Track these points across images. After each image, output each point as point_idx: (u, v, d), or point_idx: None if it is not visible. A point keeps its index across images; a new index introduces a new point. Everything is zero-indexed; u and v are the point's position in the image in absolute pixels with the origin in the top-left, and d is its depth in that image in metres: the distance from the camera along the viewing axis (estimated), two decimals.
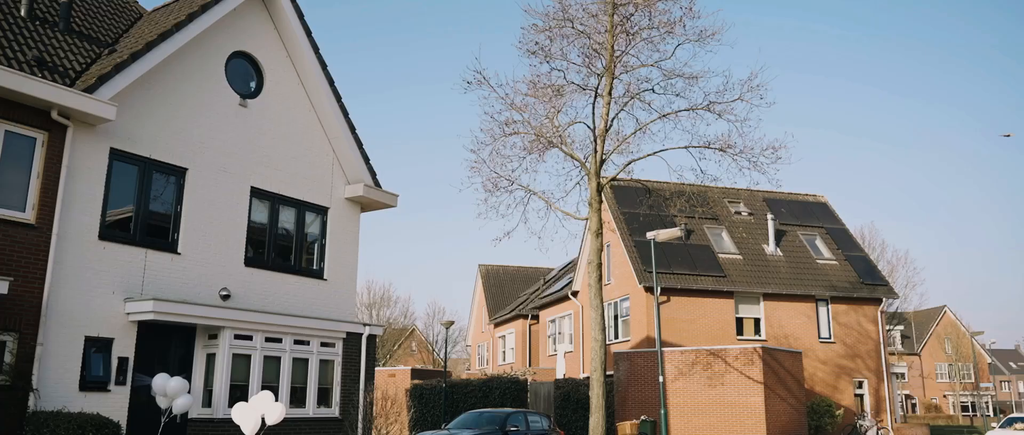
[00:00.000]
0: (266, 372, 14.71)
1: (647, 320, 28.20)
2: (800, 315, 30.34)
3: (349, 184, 17.51)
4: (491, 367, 43.72)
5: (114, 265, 13.14)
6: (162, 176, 14.26)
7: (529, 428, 18.20)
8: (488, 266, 49.38)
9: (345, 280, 17.24)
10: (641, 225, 29.57)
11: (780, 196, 35.12)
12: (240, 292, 15.04)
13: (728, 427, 23.79)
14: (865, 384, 31.18)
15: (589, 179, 17.28)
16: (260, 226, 15.89)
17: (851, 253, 33.22)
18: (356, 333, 16.43)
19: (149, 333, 13.60)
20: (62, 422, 10.95)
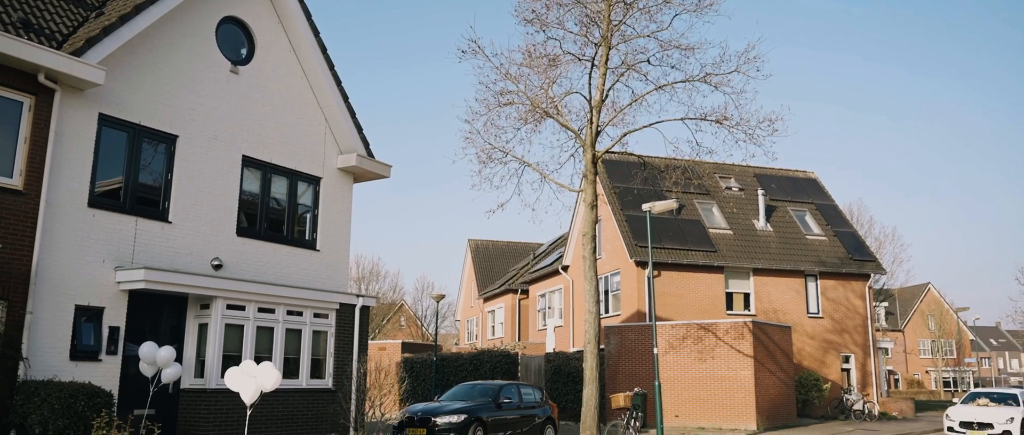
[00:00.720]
0: (259, 343, 14.57)
1: (638, 294, 28.24)
2: (789, 290, 30.49)
3: (342, 154, 17.29)
4: (480, 341, 43.79)
5: (104, 233, 12.92)
6: (152, 143, 14.00)
7: (522, 400, 18.20)
8: (478, 241, 49.30)
9: (338, 251, 17.08)
10: (632, 200, 29.52)
11: (770, 172, 35.16)
12: (232, 262, 14.87)
13: (717, 400, 23.93)
14: (852, 359, 31.45)
15: (584, 151, 17.14)
16: (252, 195, 15.68)
17: (840, 229, 33.36)
18: (349, 304, 16.30)
19: (140, 302, 13.42)
20: (53, 391, 10.79)
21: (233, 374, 11.06)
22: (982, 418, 21.28)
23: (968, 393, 24.08)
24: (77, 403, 10.81)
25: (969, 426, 21.51)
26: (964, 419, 21.59)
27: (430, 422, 16.26)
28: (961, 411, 22.22)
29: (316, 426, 15.24)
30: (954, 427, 21.89)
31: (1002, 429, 20.83)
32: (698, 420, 23.88)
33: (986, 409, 21.73)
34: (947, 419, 22.10)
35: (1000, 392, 23.48)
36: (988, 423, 21.08)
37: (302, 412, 15.14)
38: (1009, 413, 21.10)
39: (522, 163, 17.94)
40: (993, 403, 22.32)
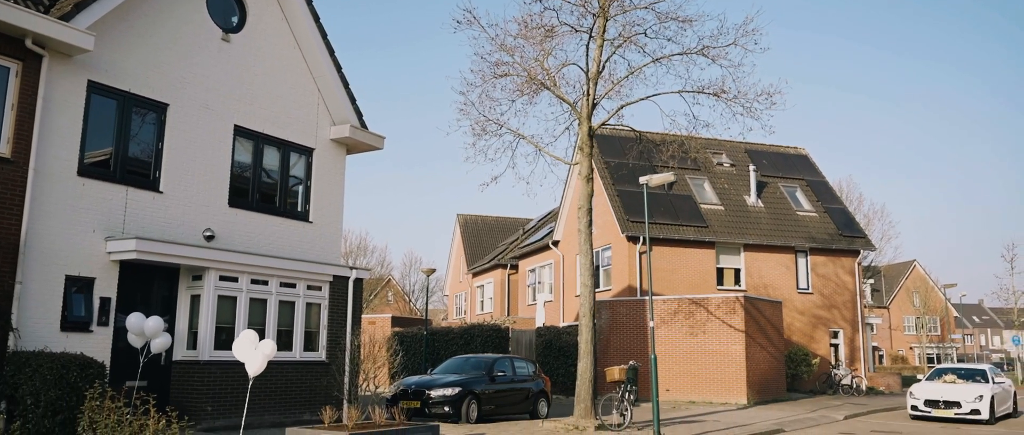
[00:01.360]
0: (252, 315, 14.42)
1: (628, 269, 28.25)
2: (779, 266, 30.60)
3: (335, 125, 17.06)
4: (469, 317, 43.79)
5: (94, 202, 12.69)
6: (142, 111, 13.73)
7: (516, 374, 18.18)
8: (466, 216, 49.14)
9: (331, 223, 16.91)
10: (624, 175, 29.44)
11: (762, 148, 35.14)
12: (224, 233, 14.67)
13: (708, 375, 24.06)
14: (840, 334, 31.68)
15: (580, 123, 16.99)
16: (244, 166, 15.45)
17: (830, 205, 33.46)
18: (343, 276, 16.16)
19: (131, 273, 13.22)
20: (45, 361, 10.61)
21: (241, 344, 10.69)
22: (949, 396, 19.29)
23: (933, 369, 22.06)
24: (69, 374, 10.64)
25: (935, 405, 19.42)
26: (930, 397, 19.58)
27: (424, 395, 16.22)
28: (926, 388, 20.11)
29: (310, 399, 15.15)
30: (918, 406, 19.77)
31: (970, 407, 18.83)
32: (689, 394, 24.02)
33: (953, 386, 19.77)
34: (911, 397, 20.06)
35: (968, 368, 21.39)
36: (955, 401, 19.08)
37: (296, 384, 15.05)
38: (978, 390, 19.15)
39: (517, 136, 17.79)
40: (961, 380, 20.42)
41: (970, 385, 19.65)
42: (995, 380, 20.36)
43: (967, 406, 18.80)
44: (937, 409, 19.30)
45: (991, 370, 20.94)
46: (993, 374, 20.67)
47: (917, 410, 19.71)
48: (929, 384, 20.48)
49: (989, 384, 19.73)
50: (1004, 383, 20.88)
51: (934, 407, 19.37)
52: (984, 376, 20.48)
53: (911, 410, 19.90)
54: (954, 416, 19.02)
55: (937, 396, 19.43)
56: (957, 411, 18.95)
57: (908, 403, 20.11)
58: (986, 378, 20.31)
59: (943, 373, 21.28)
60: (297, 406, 15.00)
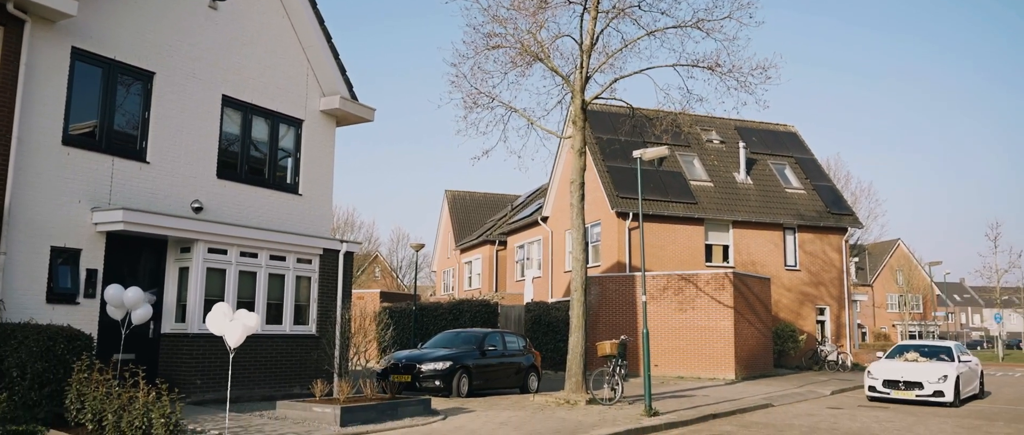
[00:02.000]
0: (242, 288, 14.25)
1: (618, 245, 28.22)
2: (768, 243, 30.67)
3: (324, 96, 16.80)
4: (457, 293, 43.72)
5: (79, 172, 12.42)
6: (128, 80, 13.42)
7: (506, 348, 18.14)
8: (455, 192, 48.93)
9: (321, 196, 16.70)
10: (614, 151, 29.33)
11: (751, 125, 35.09)
12: (212, 205, 14.44)
13: (697, 350, 24.14)
14: (827, 311, 31.88)
15: (573, 96, 16.81)
16: (232, 137, 15.19)
17: (819, 183, 33.52)
18: (333, 250, 15.99)
19: (118, 245, 13.00)
20: (31, 333, 10.41)
21: (215, 318, 10.50)
22: (910, 376, 17.56)
23: (895, 346, 20.22)
24: (56, 346, 10.45)
25: (894, 385, 17.70)
26: (889, 377, 17.87)
27: (415, 369, 16.15)
28: (885, 368, 18.31)
29: (300, 372, 15.04)
30: (876, 387, 18.01)
31: (934, 389, 17.15)
32: (677, 369, 24.11)
33: (915, 365, 18.04)
34: (868, 377, 18.32)
35: (932, 345, 19.74)
36: (917, 382, 17.39)
37: (286, 358, 14.92)
38: (942, 370, 17.52)
39: (509, 109, 17.59)
40: (924, 358, 18.66)
41: (934, 364, 18.03)
42: (961, 358, 18.73)
43: (930, 387, 17.17)
44: (897, 390, 17.64)
45: (957, 348, 19.40)
46: (959, 352, 19.08)
47: (875, 392, 18.01)
48: (889, 363, 18.67)
49: (954, 363, 18.15)
50: (970, 362, 19.20)
51: (894, 388, 17.70)
52: (949, 354, 18.86)
53: (868, 391, 18.18)
54: (916, 398, 17.37)
55: (897, 376, 17.75)
56: (919, 393, 17.29)
57: (865, 383, 18.33)
58: (951, 356, 18.68)
59: (904, 350, 19.47)
60: (287, 380, 14.89)
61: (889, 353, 19.79)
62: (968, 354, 19.40)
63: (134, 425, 9.26)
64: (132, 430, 9.28)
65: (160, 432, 9.12)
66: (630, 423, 12.96)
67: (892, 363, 18.61)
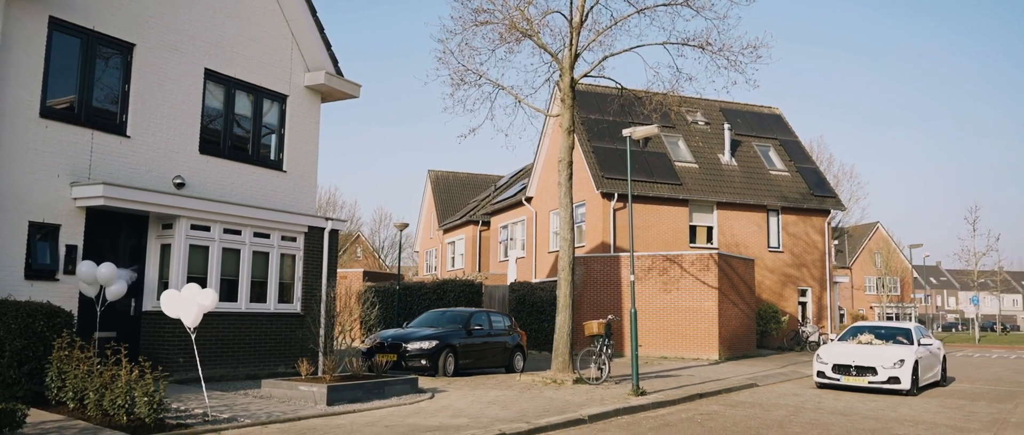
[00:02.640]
0: (225, 265, 14.01)
1: (602, 226, 28.17)
2: (751, 224, 30.77)
3: (309, 71, 16.49)
4: (440, 273, 43.59)
5: (58, 146, 12.10)
6: (107, 51, 13.06)
7: (492, 328, 18.05)
8: (437, 172, 48.65)
9: (305, 173, 16.45)
10: (600, 131, 29.20)
11: (736, 106, 35.10)
12: (195, 181, 14.16)
13: (681, 331, 24.20)
14: (808, 292, 32.10)
15: (562, 74, 16.64)
16: (215, 112, 14.88)
17: (802, 165, 33.63)
18: (318, 227, 15.77)
19: (98, 221, 12.70)
20: (9, 310, 10.14)
21: (169, 300, 9.92)
22: (863, 360, 15.87)
23: (848, 327, 18.58)
24: (36, 323, 10.20)
25: (845, 370, 16.00)
26: (839, 361, 16.16)
27: (401, 348, 16.03)
28: (837, 351, 16.62)
29: (285, 351, 14.86)
30: (825, 372, 16.30)
31: (888, 375, 15.49)
32: (661, 350, 24.17)
33: (869, 348, 16.35)
34: (817, 361, 16.61)
35: (889, 326, 18.12)
36: (870, 367, 15.72)
37: (270, 336, 14.73)
38: (898, 353, 15.84)
39: (496, 86, 17.39)
40: (879, 340, 17.03)
41: (890, 347, 16.37)
42: (921, 341, 17.07)
43: (884, 373, 15.54)
44: (847, 376, 15.97)
45: (917, 330, 17.74)
46: (919, 335, 17.44)
47: (824, 377, 16.33)
48: (841, 346, 17.06)
49: (913, 346, 16.50)
50: (931, 345, 17.53)
51: (844, 373, 16.02)
52: (908, 336, 17.22)
53: (817, 377, 16.52)
54: (868, 385, 15.74)
55: (848, 360, 16.05)
56: (871, 379, 15.65)
57: (814, 368, 16.72)
58: (910, 339, 17.04)
59: (859, 332, 17.80)
60: (272, 358, 14.71)
61: (842, 335, 18.14)
62: (929, 337, 17.87)
63: (117, 403, 9.05)
64: (115, 408, 9.08)
65: (144, 410, 8.92)
66: (618, 402, 12.92)
67: (844, 346, 16.94)
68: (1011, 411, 13.98)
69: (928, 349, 17.10)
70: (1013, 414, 13.60)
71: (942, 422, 12.39)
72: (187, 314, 9.83)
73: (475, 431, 9.70)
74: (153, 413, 8.91)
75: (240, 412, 10.30)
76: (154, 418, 8.92)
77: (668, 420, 11.90)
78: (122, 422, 8.98)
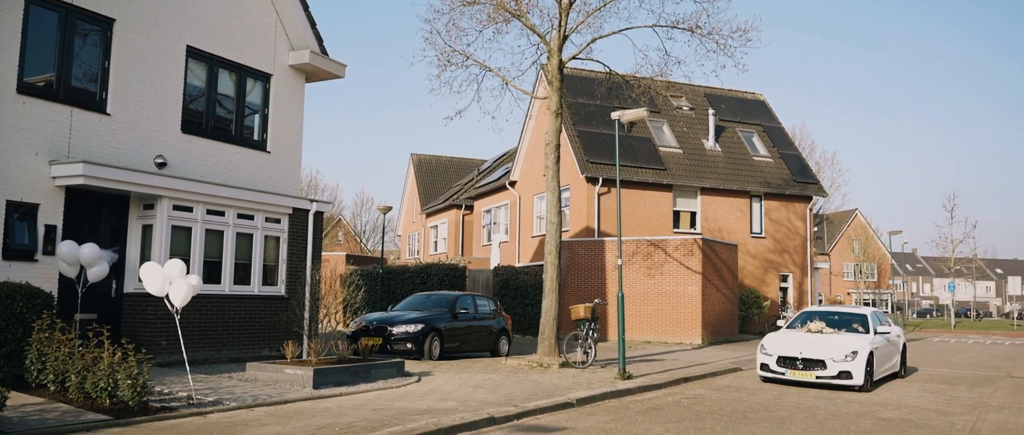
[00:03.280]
0: (208, 247, 13.79)
1: (587, 210, 28.14)
2: (735, 210, 30.87)
3: (293, 50, 16.22)
4: (423, 257, 43.43)
5: (36, 123, 11.80)
6: (86, 27, 12.73)
7: (478, 311, 17.97)
8: (420, 156, 48.36)
9: (289, 153, 16.21)
10: (585, 116, 29.09)
11: (720, 92, 35.11)
12: (176, 161, 13.89)
13: (664, 315, 24.27)
14: (790, 278, 32.30)
15: (550, 56, 16.50)
16: (197, 90, 14.59)
17: (785, 151, 33.75)
18: (303, 209, 15.57)
19: (78, 200, 12.43)
20: None
21: (150, 272, 9.54)
22: (811, 352, 13.97)
23: (799, 313, 16.71)
24: (14, 304, 9.97)
25: (791, 364, 14.08)
26: (785, 353, 14.22)
27: (386, 331, 15.91)
28: (783, 341, 14.68)
29: (269, 334, 14.69)
30: (770, 365, 14.35)
31: (839, 368, 13.65)
32: (644, 334, 24.23)
33: (819, 338, 14.53)
34: (762, 352, 14.68)
35: (844, 312, 16.21)
36: (818, 360, 13.84)
37: (255, 319, 14.55)
38: (851, 344, 14.02)
39: (483, 68, 17.22)
40: (831, 328, 15.15)
41: (842, 337, 14.55)
42: (878, 329, 15.28)
43: (834, 367, 13.70)
44: (794, 370, 14.03)
45: (874, 316, 15.85)
46: (876, 322, 15.60)
47: (768, 371, 14.41)
48: (788, 334, 15.18)
49: (868, 335, 14.76)
50: (890, 333, 15.74)
51: (790, 367, 14.09)
52: (863, 324, 15.39)
53: (760, 371, 14.63)
54: (816, 380, 13.85)
55: (795, 352, 14.13)
56: (820, 373, 13.78)
57: (758, 360, 14.79)
58: (866, 327, 15.24)
59: (809, 319, 15.82)
60: (256, 342, 14.53)
61: (791, 322, 16.20)
62: (888, 324, 16.12)
63: (99, 386, 8.86)
64: (97, 391, 8.89)
65: (127, 393, 8.75)
66: (605, 386, 12.90)
67: (792, 335, 15.06)
68: (976, 405, 14.12)
69: (885, 338, 15.33)
70: (979, 412, 13.74)
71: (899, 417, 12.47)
72: (177, 293, 9.61)
73: (464, 415, 9.61)
74: (137, 396, 8.74)
75: (225, 395, 10.15)
76: (138, 401, 8.75)
77: (655, 404, 11.90)
78: (105, 405, 8.80)
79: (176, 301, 9.66)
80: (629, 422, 10.12)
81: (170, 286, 9.57)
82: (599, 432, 9.35)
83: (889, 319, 16.67)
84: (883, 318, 16.35)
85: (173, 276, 9.61)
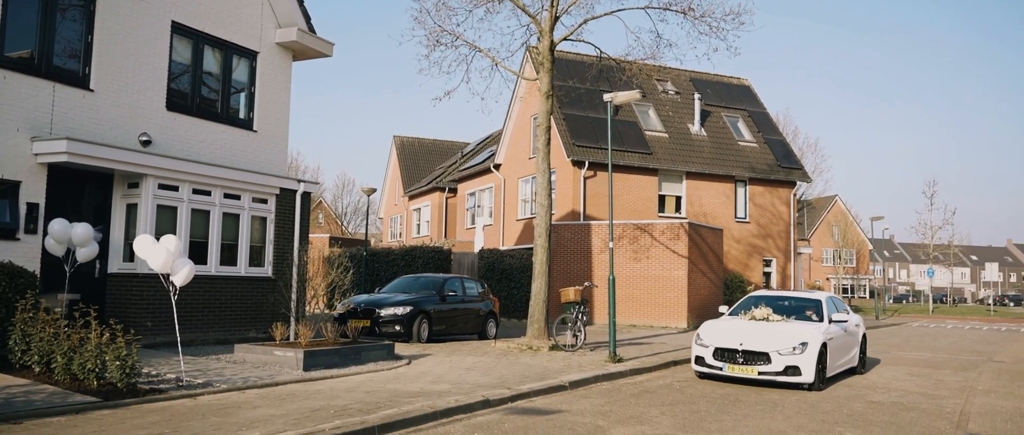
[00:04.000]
0: (194, 227, 13.54)
1: (572, 194, 28.06)
2: (719, 195, 30.93)
3: (280, 28, 15.92)
4: (405, 239, 43.21)
5: (17, 98, 11.47)
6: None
7: (466, 294, 17.87)
8: (403, 138, 48.00)
9: (276, 133, 15.94)
10: (572, 99, 28.95)
11: (706, 77, 35.09)
12: (162, 139, 13.60)
13: (650, 299, 24.30)
14: (773, 263, 32.48)
15: (541, 37, 16.32)
16: (182, 67, 14.28)
17: (770, 136, 33.83)
18: (290, 189, 15.34)
19: (61, 178, 12.13)
20: None
21: (152, 248, 9.34)
22: (753, 343, 11.87)
23: (745, 298, 14.40)
24: None
25: (730, 357, 11.94)
26: (724, 344, 12.06)
27: (375, 314, 15.77)
28: (722, 330, 12.54)
29: (256, 316, 14.50)
30: (705, 359, 12.19)
31: (785, 363, 11.58)
32: (630, 318, 24.26)
33: (764, 327, 12.45)
34: (697, 343, 12.49)
35: (795, 297, 14.10)
36: (761, 353, 11.74)
37: (241, 301, 14.34)
38: (800, 334, 11.96)
39: (473, 48, 17.01)
40: (779, 316, 13.01)
41: (791, 326, 12.47)
42: (833, 318, 13.17)
43: (780, 361, 11.62)
44: (733, 364, 11.91)
45: (830, 302, 13.81)
46: (831, 309, 13.51)
47: (703, 365, 12.28)
48: (729, 322, 13.08)
49: (822, 324, 12.74)
50: (847, 322, 13.55)
51: (729, 361, 11.96)
52: (817, 311, 13.35)
53: (695, 364, 12.50)
54: (758, 377, 11.73)
55: (734, 343, 11.99)
56: (763, 369, 11.67)
57: (693, 352, 12.63)
58: (820, 314, 13.22)
59: (755, 304, 13.72)
60: (242, 323, 14.33)
61: (734, 308, 14.00)
62: (846, 311, 13.92)
63: (87, 367, 8.67)
64: (85, 373, 8.69)
65: (115, 375, 8.56)
66: (597, 369, 12.86)
67: (734, 323, 12.92)
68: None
69: (842, 327, 13.26)
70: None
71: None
72: (180, 272, 9.40)
73: (458, 397, 9.52)
74: (126, 377, 8.56)
75: (215, 377, 9.98)
76: (127, 383, 8.58)
77: (647, 387, 11.87)
78: (92, 387, 8.61)
79: (177, 280, 9.47)
80: (623, 405, 10.09)
81: (175, 264, 9.36)
82: (595, 414, 9.31)
83: (847, 306, 14.71)
84: (840, 305, 14.25)
85: (176, 252, 9.40)
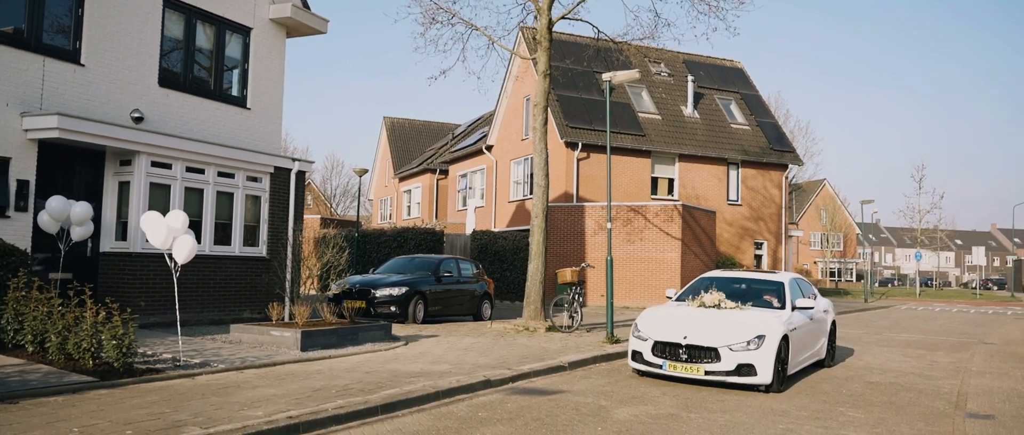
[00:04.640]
0: (188, 205, 13.33)
1: (565, 176, 27.95)
2: (712, 177, 30.91)
3: (274, 4, 15.65)
4: (396, 221, 43.02)
5: (6, 73, 11.22)
6: None
7: (461, 275, 17.76)
8: (393, 119, 47.68)
9: (270, 111, 15.71)
10: (566, 80, 28.77)
11: (699, 59, 34.96)
12: (154, 115, 13.36)
13: (643, 280, 24.29)
14: (764, 246, 32.55)
15: (540, 15, 16.14)
16: (175, 42, 14.01)
17: (763, 119, 33.80)
18: (285, 168, 15.14)
19: (52, 154, 11.90)
20: None
21: (153, 224, 8.93)
22: (700, 337, 9.66)
23: (695, 280, 12.23)
24: None
25: (672, 353, 9.74)
26: (665, 338, 9.84)
27: (370, 294, 15.63)
28: (663, 320, 10.29)
29: (250, 296, 14.34)
30: (644, 355, 9.98)
31: (737, 362, 9.39)
32: (623, 300, 24.24)
33: (714, 316, 10.22)
34: (635, 336, 10.24)
35: (752, 280, 11.85)
36: (709, 348, 9.55)
37: (235, 280, 14.18)
38: (756, 325, 9.78)
39: (469, 26, 16.80)
40: (733, 302, 10.73)
41: (746, 315, 10.32)
42: (797, 304, 10.96)
43: (731, 358, 9.46)
44: (675, 362, 9.71)
45: (793, 285, 11.62)
46: (796, 293, 11.38)
47: (642, 361, 10.08)
48: (675, 309, 10.85)
49: (783, 312, 10.65)
50: (812, 309, 11.46)
51: (670, 357, 9.77)
52: (779, 295, 11.21)
53: (632, 361, 10.28)
54: (705, 377, 9.57)
55: (677, 336, 9.78)
56: (711, 368, 9.50)
57: (629, 346, 10.44)
58: (781, 300, 11.07)
59: (705, 287, 11.45)
60: (237, 304, 14.18)
61: (682, 292, 11.85)
62: (813, 297, 12.05)
63: (82, 347, 8.51)
64: (80, 352, 8.53)
65: (112, 354, 8.41)
66: (595, 350, 12.81)
67: (680, 311, 10.71)
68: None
69: (807, 314, 11.16)
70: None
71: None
72: (182, 249, 9.20)
73: (459, 377, 9.44)
74: (122, 357, 8.41)
75: (212, 357, 9.85)
76: (123, 362, 8.43)
77: None
78: (88, 366, 8.46)
79: (179, 258, 9.28)
80: (624, 385, 10.02)
81: (174, 242, 9.16)
82: (597, 395, 9.24)
83: (814, 289, 12.83)
84: (806, 288, 12.22)
85: (178, 229, 9.19)
